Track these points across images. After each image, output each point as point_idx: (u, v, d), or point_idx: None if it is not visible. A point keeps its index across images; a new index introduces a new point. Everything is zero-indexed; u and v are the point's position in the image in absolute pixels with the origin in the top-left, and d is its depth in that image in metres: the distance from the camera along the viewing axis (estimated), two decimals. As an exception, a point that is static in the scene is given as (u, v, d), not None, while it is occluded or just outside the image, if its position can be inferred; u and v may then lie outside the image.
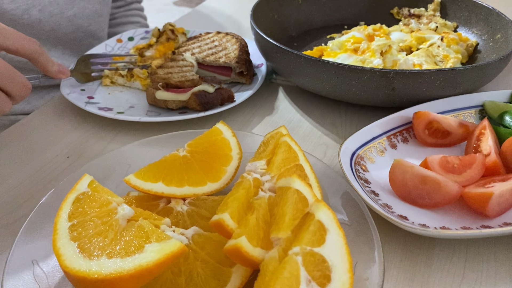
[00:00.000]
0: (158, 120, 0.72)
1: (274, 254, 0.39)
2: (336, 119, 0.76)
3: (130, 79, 0.84)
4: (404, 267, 0.51)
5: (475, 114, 0.70)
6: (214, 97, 0.74)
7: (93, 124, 0.76)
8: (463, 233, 0.50)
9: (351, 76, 0.67)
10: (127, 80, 0.84)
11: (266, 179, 0.48)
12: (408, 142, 0.66)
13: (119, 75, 0.84)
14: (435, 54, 0.83)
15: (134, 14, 1.20)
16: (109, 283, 0.38)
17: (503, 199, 0.52)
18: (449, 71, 0.66)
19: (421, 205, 0.55)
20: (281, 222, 0.41)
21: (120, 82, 0.84)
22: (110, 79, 0.84)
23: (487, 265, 0.51)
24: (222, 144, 0.57)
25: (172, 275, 0.43)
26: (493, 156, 0.58)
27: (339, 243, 0.40)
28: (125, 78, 0.84)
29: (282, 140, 0.53)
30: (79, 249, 0.40)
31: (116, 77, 0.84)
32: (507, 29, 0.81)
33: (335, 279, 0.38)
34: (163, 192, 0.51)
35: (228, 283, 0.42)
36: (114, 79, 0.84)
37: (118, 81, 0.84)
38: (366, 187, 0.56)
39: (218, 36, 0.91)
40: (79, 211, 0.44)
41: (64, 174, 0.65)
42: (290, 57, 0.72)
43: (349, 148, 0.61)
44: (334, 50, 0.87)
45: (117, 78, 0.84)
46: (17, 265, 0.45)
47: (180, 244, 0.41)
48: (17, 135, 0.74)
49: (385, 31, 0.92)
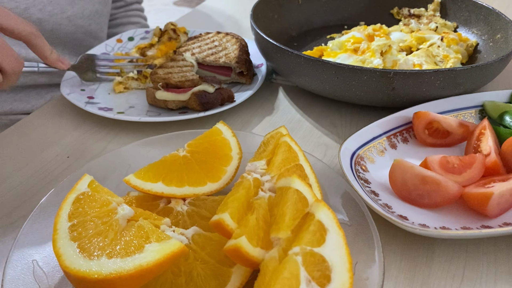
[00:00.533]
0: (158, 120, 0.72)
1: (274, 254, 0.39)
2: (336, 119, 0.76)
3: (145, 81, 0.84)
4: (404, 267, 0.51)
5: (475, 114, 0.70)
6: (214, 97, 0.74)
7: (93, 124, 0.76)
8: (463, 233, 0.50)
9: (351, 76, 0.67)
10: (142, 83, 0.83)
11: (266, 179, 0.48)
12: (408, 142, 0.66)
13: (132, 79, 0.83)
14: (435, 54, 0.83)
15: (134, 14, 1.20)
16: (109, 283, 0.38)
17: (503, 199, 0.52)
18: (449, 71, 0.66)
19: (421, 205, 0.55)
20: (281, 222, 0.41)
21: (134, 86, 0.83)
22: (123, 85, 0.83)
23: (487, 265, 0.51)
24: (222, 144, 0.57)
25: (172, 275, 0.43)
26: (493, 156, 0.58)
27: (339, 243, 0.40)
28: (139, 81, 0.83)
29: (282, 140, 0.53)
30: (79, 249, 0.40)
31: (130, 82, 0.83)
32: (507, 29, 0.81)
33: (335, 279, 0.38)
34: (163, 192, 0.51)
35: (228, 283, 0.42)
36: (127, 84, 0.83)
37: (132, 85, 0.83)
38: (366, 187, 0.56)
39: (218, 36, 0.91)
40: (79, 211, 0.44)
41: (64, 174, 0.65)
42: (290, 57, 0.72)
43: (349, 148, 0.61)
44: (334, 50, 0.87)
45: (131, 83, 0.83)
46: (17, 265, 0.45)
47: (180, 244, 0.41)
48: (17, 135, 0.74)
49: (385, 31, 0.92)
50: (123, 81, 0.83)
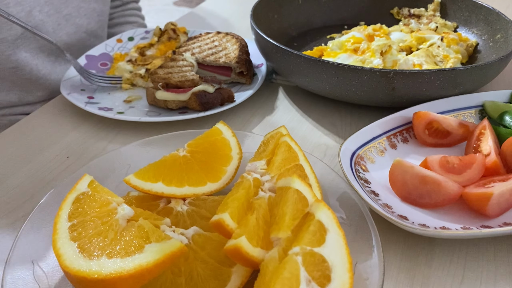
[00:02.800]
0: (158, 120, 0.72)
1: (274, 254, 0.39)
2: (336, 119, 0.76)
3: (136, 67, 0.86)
4: (404, 267, 0.51)
5: (475, 114, 0.70)
6: (214, 97, 0.74)
7: (93, 124, 0.76)
8: (463, 233, 0.50)
9: (351, 76, 0.67)
10: (146, 81, 0.85)
11: (266, 179, 0.48)
12: (408, 142, 0.66)
13: (140, 76, 0.84)
14: (435, 54, 0.83)
15: (131, 14, 1.20)
16: (109, 283, 0.38)
17: (503, 199, 0.52)
18: (449, 71, 0.66)
19: (421, 205, 0.55)
20: (281, 222, 0.41)
21: (140, 84, 0.85)
22: (131, 81, 0.84)
23: (487, 265, 0.51)
24: (222, 144, 0.57)
25: (172, 275, 0.43)
26: (493, 156, 0.58)
27: (339, 243, 0.40)
28: (144, 79, 0.84)
29: (282, 140, 0.53)
30: (79, 249, 0.40)
31: (137, 80, 0.84)
32: (507, 29, 0.81)
33: (335, 279, 0.38)
34: (163, 192, 0.51)
35: (228, 283, 0.42)
36: (135, 81, 0.85)
37: (138, 83, 0.85)
38: (366, 187, 0.56)
39: (218, 36, 0.91)
40: (79, 211, 0.44)
41: (64, 174, 0.65)
42: (290, 57, 0.72)
43: (349, 148, 0.61)
44: (334, 50, 0.87)
45: (138, 80, 0.84)
46: (17, 265, 0.45)
47: (180, 244, 0.41)
48: (17, 135, 0.74)
49: (385, 31, 0.92)
50: (130, 78, 0.84)
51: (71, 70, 0.85)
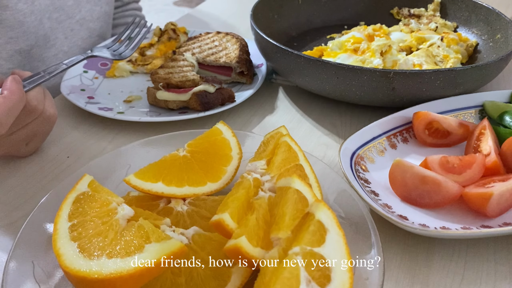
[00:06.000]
0: (158, 120, 0.72)
1: (274, 254, 0.39)
2: (336, 119, 0.76)
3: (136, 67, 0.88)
4: (404, 267, 0.51)
5: (475, 114, 0.70)
6: (214, 97, 0.74)
7: (93, 124, 0.76)
8: (463, 233, 0.50)
9: (351, 76, 0.67)
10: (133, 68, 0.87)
11: (266, 179, 0.48)
12: (408, 142, 0.66)
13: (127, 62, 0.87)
14: (435, 54, 0.83)
15: (132, 14, 1.20)
16: (109, 283, 0.38)
17: (503, 199, 0.52)
18: (449, 71, 0.66)
19: (421, 205, 0.55)
20: (281, 222, 0.41)
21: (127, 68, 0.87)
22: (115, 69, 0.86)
23: (487, 265, 0.51)
24: (222, 144, 0.57)
25: (172, 275, 0.43)
26: (493, 156, 0.58)
27: (339, 243, 0.40)
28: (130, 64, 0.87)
29: (282, 140, 0.53)
30: (79, 249, 0.40)
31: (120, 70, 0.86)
32: (507, 29, 0.81)
33: (335, 279, 0.38)
34: (163, 192, 0.51)
35: (228, 283, 0.42)
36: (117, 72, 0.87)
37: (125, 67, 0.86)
38: (366, 187, 0.56)
39: (218, 36, 0.91)
40: (79, 211, 0.44)
41: (64, 174, 0.65)
42: (290, 57, 0.72)
43: (349, 148, 0.61)
44: (334, 50, 0.87)
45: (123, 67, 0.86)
46: (17, 265, 0.45)
47: (180, 244, 0.41)
48: (17, 135, 0.74)
49: (385, 31, 0.92)
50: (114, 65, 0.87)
51: (71, 70, 0.85)
